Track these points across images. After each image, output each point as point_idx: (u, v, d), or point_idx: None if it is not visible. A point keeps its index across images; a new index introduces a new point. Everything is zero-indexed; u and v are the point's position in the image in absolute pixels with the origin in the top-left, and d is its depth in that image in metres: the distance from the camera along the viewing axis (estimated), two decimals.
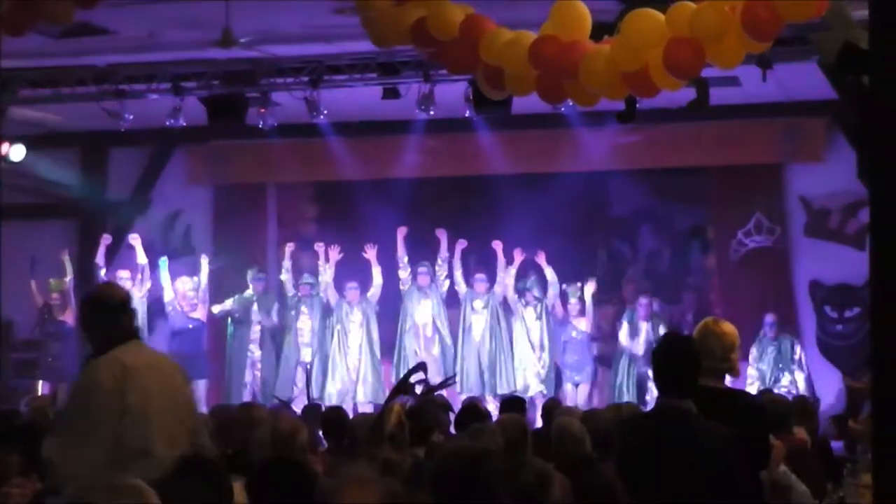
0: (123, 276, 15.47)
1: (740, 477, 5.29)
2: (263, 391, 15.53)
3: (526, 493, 3.96)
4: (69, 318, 15.82)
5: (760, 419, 5.86)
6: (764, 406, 6.22)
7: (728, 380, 6.16)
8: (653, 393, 13.99)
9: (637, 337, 14.89)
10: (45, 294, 15.72)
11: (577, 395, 15.08)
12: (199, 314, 15.76)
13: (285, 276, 15.75)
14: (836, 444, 10.89)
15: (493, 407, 13.29)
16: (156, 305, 16.00)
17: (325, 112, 13.93)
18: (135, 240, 15.72)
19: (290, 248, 15.95)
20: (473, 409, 9.55)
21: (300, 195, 17.74)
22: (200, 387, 15.56)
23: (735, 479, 5.23)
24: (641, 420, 6.17)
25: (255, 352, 15.83)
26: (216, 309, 15.83)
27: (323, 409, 11.67)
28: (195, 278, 15.75)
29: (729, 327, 6.05)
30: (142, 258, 15.61)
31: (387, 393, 8.66)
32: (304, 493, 5.84)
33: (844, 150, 14.53)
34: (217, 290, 16.08)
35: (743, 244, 15.56)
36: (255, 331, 15.85)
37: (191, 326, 15.67)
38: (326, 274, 15.54)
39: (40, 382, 15.63)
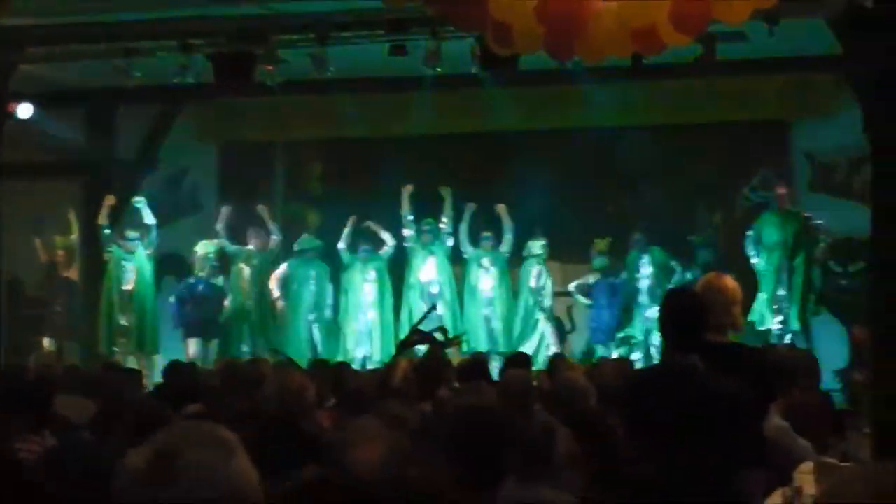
0: (131, 236, 15.57)
1: (745, 432, 5.33)
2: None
3: (532, 448, 4.01)
4: (74, 274, 15.95)
5: (765, 374, 5.90)
6: (769, 361, 6.26)
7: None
8: None
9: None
10: (51, 251, 15.79)
11: None
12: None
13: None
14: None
15: (497, 363, 13.37)
16: (165, 263, 16.11)
17: (333, 69, 13.91)
18: (139, 202, 15.76)
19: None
20: (477, 364, 9.61)
21: (307, 153, 17.75)
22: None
23: (740, 434, 5.28)
24: (648, 375, 6.22)
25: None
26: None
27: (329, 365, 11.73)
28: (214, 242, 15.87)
29: (731, 282, 6.08)
30: (149, 219, 15.66)
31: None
32: (311, 449, 5.91)
33: (851, 106, 14.51)
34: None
35: (748, 199, 15.52)
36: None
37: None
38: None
39: (46, 339, 15.73)
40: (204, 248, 15.86)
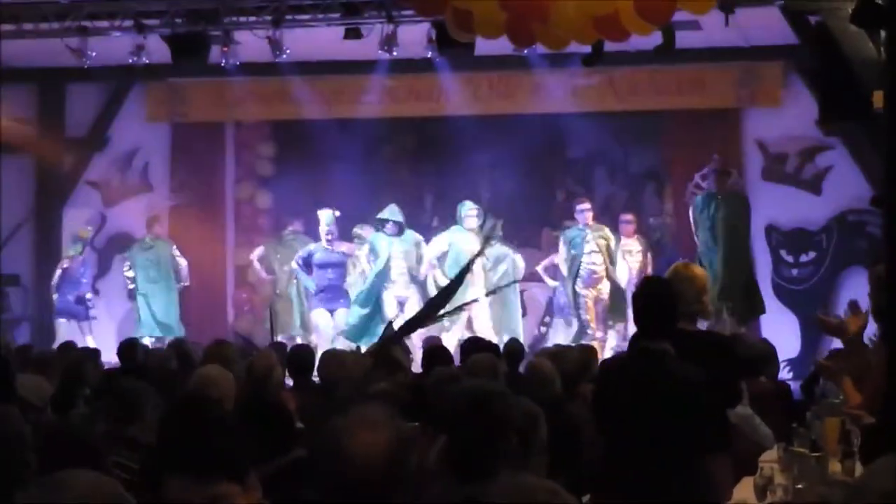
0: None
1: (712, 418, 5.42)
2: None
3: (522, 434, 4.05)
4: None
5: (732, 362, 5.99)
6: (736, 349, 6.35)
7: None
8: None
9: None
10: None
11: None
12: None
13: None
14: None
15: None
16: (114, 243, 16.19)
17: (288, 51, 13.88)
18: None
19: None
20: (438, 350, 9.65)
21: (258, 134, 17.67)
22: None
23: (706, 420, 5.37)
24: (620, 361, 6.29)
25: None
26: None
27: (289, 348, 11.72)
28: None
29: (699, 270, 6.17)
30: None
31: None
32: (284, 430, 5.94)
33: (802, 95, 14.67)
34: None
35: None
36: None
37: None
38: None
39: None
40: None
